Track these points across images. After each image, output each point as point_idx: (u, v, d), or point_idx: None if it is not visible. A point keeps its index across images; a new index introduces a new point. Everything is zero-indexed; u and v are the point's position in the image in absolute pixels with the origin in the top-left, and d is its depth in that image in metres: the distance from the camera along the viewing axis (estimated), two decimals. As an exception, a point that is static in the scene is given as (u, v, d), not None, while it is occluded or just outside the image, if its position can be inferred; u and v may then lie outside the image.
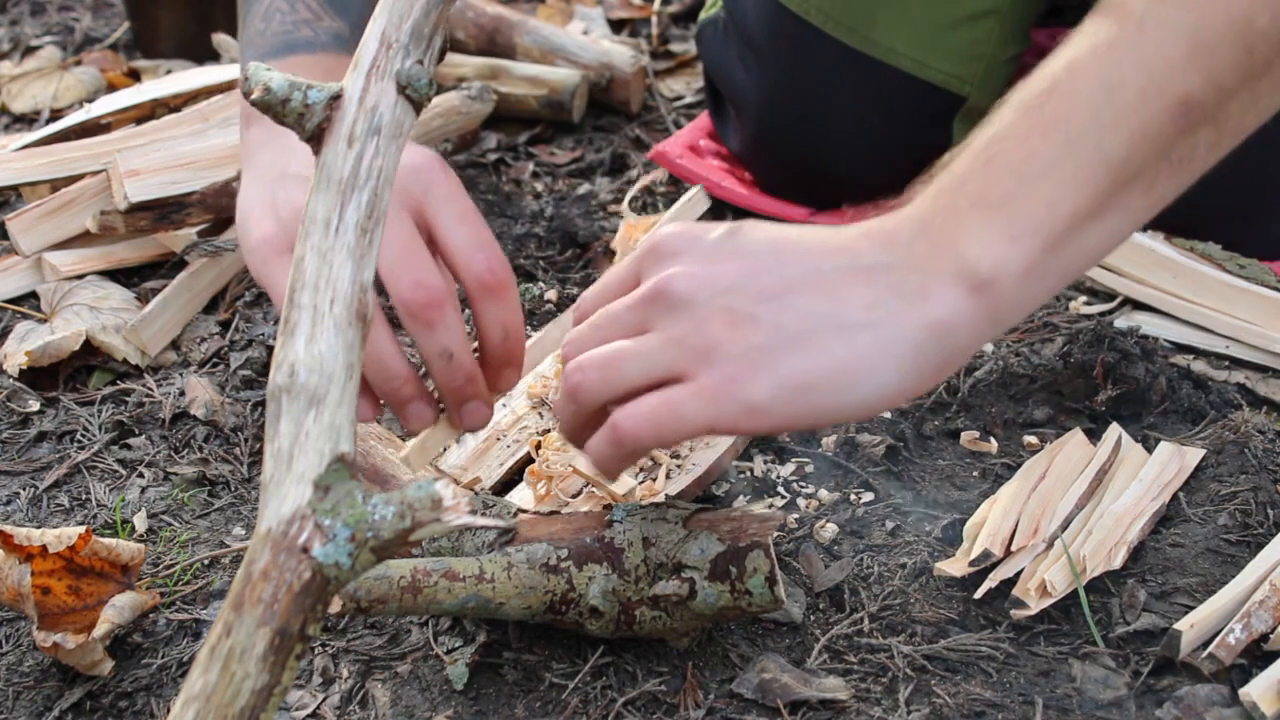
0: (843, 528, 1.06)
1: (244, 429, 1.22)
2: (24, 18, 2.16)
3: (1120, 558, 0.98)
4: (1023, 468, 1.09)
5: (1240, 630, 0.92)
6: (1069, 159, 0.73)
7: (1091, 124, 0.74)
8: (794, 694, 0.91)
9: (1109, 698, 0.91)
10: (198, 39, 1.92)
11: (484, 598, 0.91)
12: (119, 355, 1.30)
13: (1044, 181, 0.73)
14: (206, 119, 1.49)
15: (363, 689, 0.95)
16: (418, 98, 0.79)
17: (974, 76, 1.42)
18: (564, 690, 0.93)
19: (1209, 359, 1.23)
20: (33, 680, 0.97)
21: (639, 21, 2.03)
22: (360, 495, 0.67)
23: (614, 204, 1.57)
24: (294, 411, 0.70)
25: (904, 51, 1.40)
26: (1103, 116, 0.74)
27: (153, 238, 1.43)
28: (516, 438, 1.15)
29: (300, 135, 0.78)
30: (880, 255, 0.76)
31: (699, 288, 0.77)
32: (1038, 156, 0.73)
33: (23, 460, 1.20)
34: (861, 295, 0.75)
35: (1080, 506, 1.03)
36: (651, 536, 0.91)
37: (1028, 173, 0.73)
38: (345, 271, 0.74)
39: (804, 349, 0.74)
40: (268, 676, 0.66)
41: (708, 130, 1.64)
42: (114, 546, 0.99)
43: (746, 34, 1.46)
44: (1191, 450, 1.10)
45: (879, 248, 0.76)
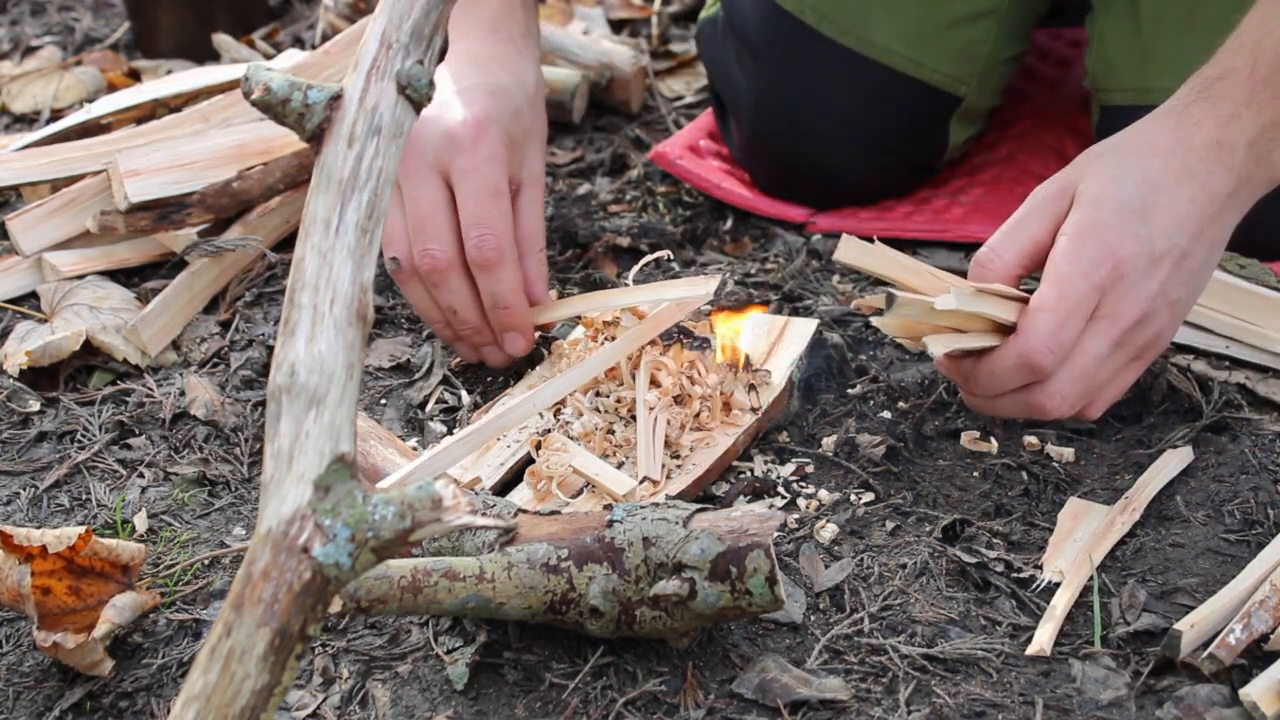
0: (843, 528, 1.06)
1: (244, 429, 1.22)
2: (24, 18, 2.16)
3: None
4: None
5: (1240, 630, 0.92)
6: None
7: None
8: (794, 694, 0.91)
9: (1109, 698, 0.91)
10: (198, 39, 1.92)
11: (484, 598, 0.91)
12: (119, 355, 1.30)
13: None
14: (207, 119, 1.49)
15: (363, 689, 0.95)
16: (418, 98, 0.79)
17: (971, 77, 1.42)
18: (564, 690, 0.93)
19: (1209, 359, 1.23)
20: (33, 680, 0.97)
21: (639, 21, 2.03)
22: (360, 495, 0.67)
23: (614, 204, 1.57)
24: (294, 411, 0.70)
25: (900, 51, 1.40)
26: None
27: (153, 238, 1.43)
28: (517, 438, 1.15)
29: (300, 135, 0.78)
30: (1226, 185, 0.97)
31: (1156, 304, 0.97)
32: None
33: (23, 460, 1.20)
34: (1221, 226, 0.99)
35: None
36: (651, 536, 0.91)
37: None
38: (345, 271, 0.74)
39: (1198, 290, 1.01)
40: (268, 676, 0.66)
41: (708, 130, 1.64)
42: (114, 546, 0.99)
43: (743, 34, 1.46)
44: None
45: (1224, 178, 0.97)
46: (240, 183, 1.39)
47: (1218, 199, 0.98)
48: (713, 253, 1.48)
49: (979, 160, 1.58)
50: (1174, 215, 0.96)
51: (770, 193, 1.52)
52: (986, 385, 0.99)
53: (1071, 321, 0.94)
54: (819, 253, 1.44)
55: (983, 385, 0.99)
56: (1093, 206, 0.96)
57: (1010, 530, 1.06)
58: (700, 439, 1.13)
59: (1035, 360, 0.94)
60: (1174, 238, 0.96)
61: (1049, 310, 0.94)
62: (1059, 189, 0.99)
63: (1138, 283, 0.95)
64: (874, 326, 1.30)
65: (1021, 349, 0.95)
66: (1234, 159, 0.97)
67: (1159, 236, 0.96)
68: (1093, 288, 0.94)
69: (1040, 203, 0.99)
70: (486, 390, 1.26)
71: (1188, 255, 0.97)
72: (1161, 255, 0.96)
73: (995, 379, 0.98)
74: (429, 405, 1.25)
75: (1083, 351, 0.96)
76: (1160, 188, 0.97)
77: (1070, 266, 0.95)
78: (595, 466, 1.08)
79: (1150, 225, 0.96)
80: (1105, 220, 0.96)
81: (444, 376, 1.27)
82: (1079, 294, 0.94)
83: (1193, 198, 0.97)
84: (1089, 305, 0.95)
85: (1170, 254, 0.96)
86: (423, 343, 1.33)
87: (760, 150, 1.50)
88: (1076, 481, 1.12)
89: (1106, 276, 0.95)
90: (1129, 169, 0.97)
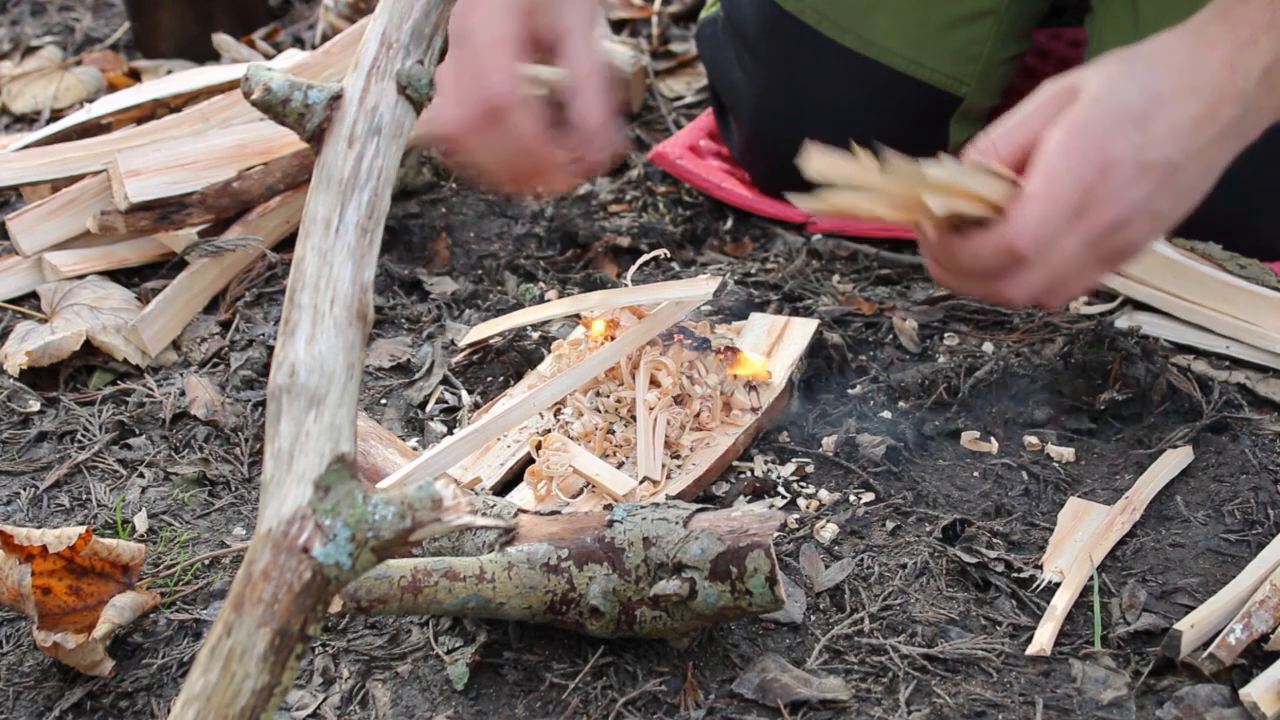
0: (843, 528, 1.06)
1: (244, 429, 1.22)
2: (24, 18, 2.16)
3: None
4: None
5: (1240, 630, 0.92)
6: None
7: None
8: (794, 694, 0.91)
9: (1109, 698, 0.91)
10: (198, 39, 1.92)
11: (484, 598, 0.91)
12: (119, 355, 1.30)
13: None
14: (207, 119, 1.49)
15: (363, 689, 0.95)
16: (418, 98, 0.79)
17: (971, 77, 1.42)
18: (564, 690, 0.93)
19: (1209, 359, 1.23)
20: (33, 680, 0.97)
21: (639, 21, 2.03)
22: (360, 495, 0.67)
23: (614, 204, 1.57)
24: (294, 411, 0.70)
25: (899, 51, 1.39)
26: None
27: (153, 238, 1.42)
28: (517, 438, 1.15)
29: (301, 135, 0.78)
30: (1234, 109, 0.95)
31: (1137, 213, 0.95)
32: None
33: (23, 460, 1.20)
34: (1220, 150, 0.97)
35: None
36: (651, 536, 0.91)
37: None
38: (345, 271, 0.74)
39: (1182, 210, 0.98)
40: (268, 676, 0.66)
41: (708, 130, 1.64)
42: (114, 546, 0.99)
43: (743, 33, 1.46)
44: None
45: (1233, 101, 0.95)
46: (240, 183, 1.39)
47: (1222, 121, 0.96)
48: (713, 253, 1.48)
49: (979, 160, 1.57)
50: (1173, 128, 0.95)
51: (770, 193, 1.52)
52: (965, 263, 0.98)
53: (1058, 215, 0.94)
54: (819, 253, 1.44)
55: (960, 263, 0.98)
56: (1092, 105, 0.95)
57: (1010, 530, 1.06)
58: (700, 439, 1.13)
59: (1019, 247, 0.94)
60: (1168, 150, 0.95)
61: (1039, 201, 0.93)
62: (1064, 88, 0.98)
63: (1122, 187, 0.94)
64: (874, 325, 1.30)
65: (1008, 235, 0.94)
66: (1246, 84, 0.95)
67: (1153, 145, 0.94)
68: (1080, 184, 0.93)
69: (1045, 100, 0.98)
70: (486, 390, 1.26)
71: (1179, 170, 0.95)
72: (1152, 165, 0.94)
73: (976, 259, 0.97)
74: (429, 405, 1.25)
75: (1059, 248, 0.95)
76: (1164, 99, 0.95)
77: (1061, 161, 0.94)
78: (595, 466, 1.08)
79: (1146, 133, 0.94)
80: (1101, 120, 0.94)
81: (444, 376, 1.27)
82: (1067, 189, 0.93)
83: (1196, 116, 0.95)
84: (1075, 202, 0.94)
85: (1161, 165, 0.95)
86: (423, 343, 1.33)
87: (760, 150, 1.50)
88: (1076, 481, 1.12)
89: (1094, 176, 0.93)
90: (1136, 75, 0.96)
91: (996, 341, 1.27)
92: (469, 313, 1.36)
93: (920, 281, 1.38)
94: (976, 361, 1.23)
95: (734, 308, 1.32)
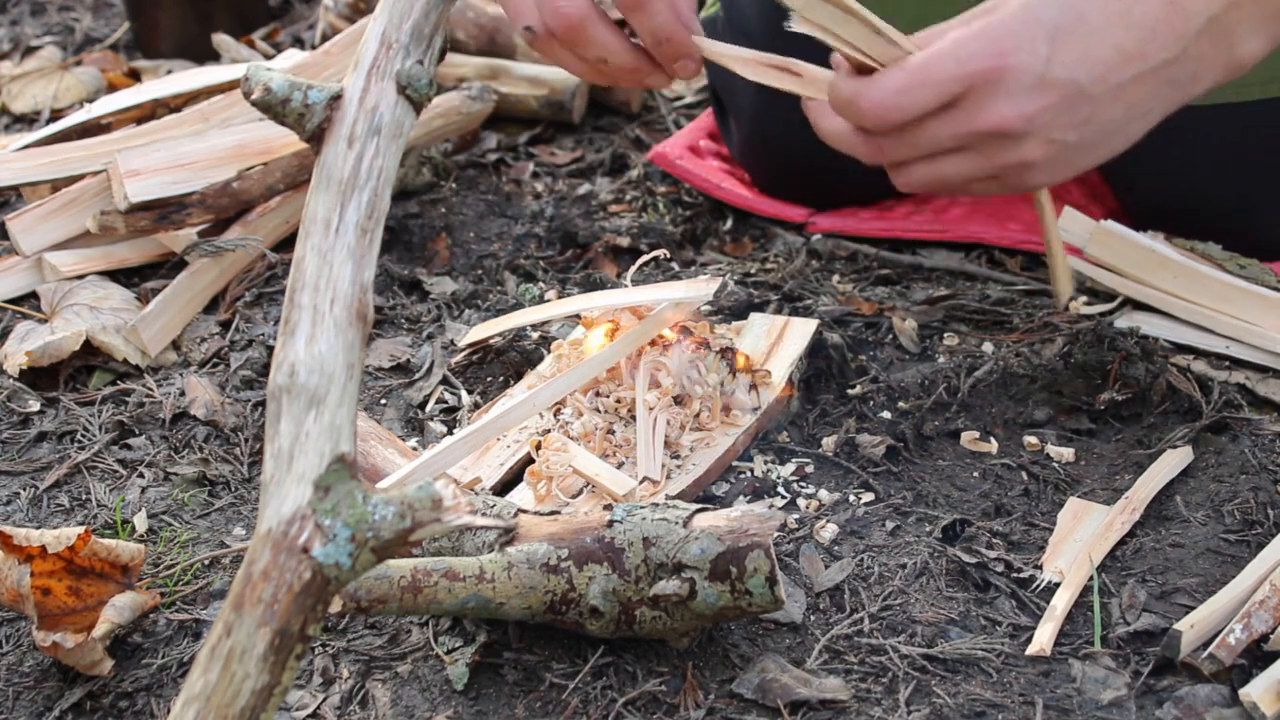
0: (843, 528, 1.06)
1: (244, 429, 1.22)
2: (24, 18, 2.16)
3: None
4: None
5: (1240, 630, 0.92)
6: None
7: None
8: (794, 694, 0.91)
9: (1109, 698, 0.91)
10: (198, 39, 1.92)
11: (484, 598, 0.91)
12: (119, 355, 1.30)
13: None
14: (207, 119, 1.49)
15: (363, 689, 0.95)
16: (418, 98, 0.79)
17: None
18: (564, 690, 0.93)
19: (1209, 359, 1.23)
20: (33, 680, 0.97)
21: (639, 21, 2.02)
22: (360, 495, 0.67)
23: (614, 204, 1.57)
24: (294, 411, 0.70)
25: None
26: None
27: (153, 238, 1.43)
28: (517, 438, 1.15)
29: (300, 135, 0.78)
30: (1166, 51, 0.88)
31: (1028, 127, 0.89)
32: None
33: (23, 460, 1.20)
34: (1147, 93, 0.90)
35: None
36: (651, 536, 0.91)
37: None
38: (345, 271, 0.74)
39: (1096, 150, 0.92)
40: (268, 676, 0.66)
41: (708, 130, 1.64)
42: (114, 547, 0.99)
43: (743, 33, 1.46)
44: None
45: (1170, 44, 0.88)
46: (240, 183, 1.39)
47: (1151, 60, 0.88)
48: (713, 253, 1.48)
49: (979, 160, 1.57)
50: (1087, 51, 0.88)
51: (770, 193, 1.52)
52: (833, 97, 0.94)
53: (922, 95, 0.88)
54: (819, 253, 1.44)
55: (832, 96, 0.94)
56: (1006, 12, 0.89)
57: (1010, 530, 1.06)
58: (700, 439, 1.13)
59: (859, 104, 0.90)
60: (1076, 73, 0.88)
61: (904, 71, 0.89)
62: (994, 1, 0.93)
63: (1011, 95, 0.88)
64: (874, 326, 1.30)
65: (860, 89, 0.90)
66: (1186, 27, 0.88)
67: (1059, 63, 0.87)
68: (960, 75, 0.88)
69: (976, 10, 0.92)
70: (486, 390, 1.26)
71: (1088, 99, 0.88)
72: (1053, 83, 0.88)
73: (835, 100, 0.93)
74: (429, 405, 1.25)
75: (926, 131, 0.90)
76: (1085, 19, 0.88)
77: (950, 47, 0.88)
78: (595, 466, 1.08)
79: (1055, 47, 0.87)
80: (1008, 24, 0.88)
81: (444, 376, 1.28)
82: (942, 72, 0.88)
83: (1120, 46, 0.88)
84: (946, 89, 0.88)
85: (1064, 86, 0.88)
86: (423, 343, 1.33)
87: (760, 150, 1.50)
88: (1076, 481, 1.12)
89: (979, 73, 0.88)
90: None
91: (996, 341, 1.27)
92: (469, 313, 1.37)
93: (920, 282, 1.39)
94: (976, 361, 1.23)
95: (734, 308, 1.32)
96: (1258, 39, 0.90)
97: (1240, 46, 0.90)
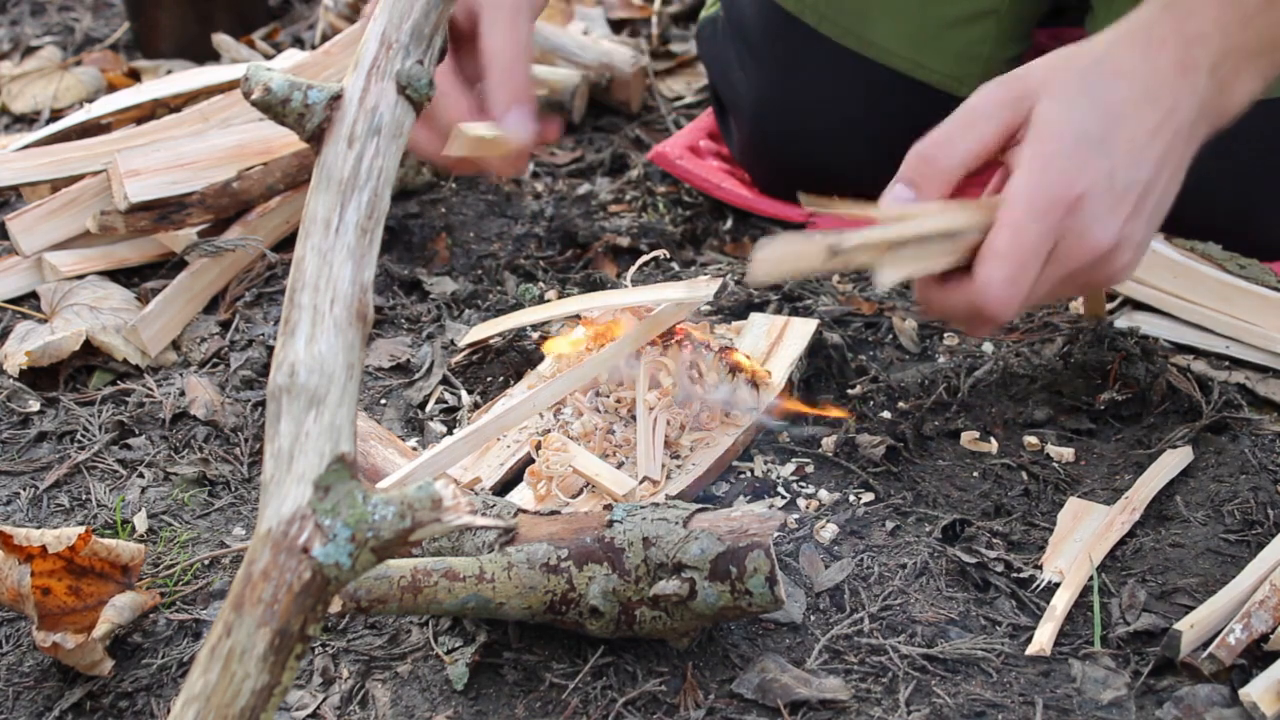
0: (843, 528, 1.06)
1: (244, 429, 1.22)
2: (24, 18, 2.16)
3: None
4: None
5: (1240, 630, 0.92)
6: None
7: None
8: (794, 694, 0.91)
9: (1109, 698, 0.91)
10: (198, 39, 1.92)
11: (484, 598, 0.91)
12: (119, 355, 1.30)
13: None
14: (207, 119, 1.49)
15: (363, 689, 0.95)
16: (418, 98, 0.79)
17: (971, 77, 1.42)
18: (564, 690, 0.93)
19: (1209, 359, 1.23)
20: (33, 680, 0.97)
21: (639, 21, 2.03)
22: (360, 495, 0.67)
23: (614, 204, 1.57)
24: (294, 411, 0.70)
25: (899, 51, 1.39)
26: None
27: (153, 238, 1.42)
28: (516, 438, 1.15)
29: (300, 135, 0.78)
30: (1189, 112, 0.92)
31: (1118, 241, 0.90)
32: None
33: (23, 460, 1.20)
34: (1179, 156, 0.93)
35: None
36: (651, 536, 0.91)
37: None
38: (345, 271, 0.74)
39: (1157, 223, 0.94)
40: (268, 676, 0.66)
41: (708, 130, 1.64)
42: (114, 546, 0.99)
43: (743, 33, 1.46)
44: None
45: (1187, 105, 0.91)
46: (240, 183, 1.39)
47: (1182, 127, 0.92)
48: (713, 253, 1.48)
49: (979, 160, 1.57)
50: (1135, 146, 0.90)
51: (770, 193, 1.52)
52: (942, 311, 0.95)
53: (1027, 269, 0.89)
54: (819, 253, 1.43)
55: (939, 310, 0.95)
56: (1050, 137, 0.90)
57: (1010, 530, 1.06)
58: (700, 439, 1.13)
59: (989, 310, 0.90)
60: (1137, 171, 0.90)
61: (1003, 258, 0.89)
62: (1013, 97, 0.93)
63: (1097, 220, 0.90)
64: (874, 326, 1.30)
65: (975, 298, 0.90)
66: (1197, 84, 0.91)
67: (1121, 170, 0.90)
68: (1049, 229, 0.89)
69: (992, 105, 0.93)
70: (486, 390, 1.26)
71: (1150, 188, 0.91)
72: (1124, 191, 0.90)
73: (951, 309, 0.94)
74: (429, 405, 1.25)
75: (1032, 293, 0.91)
76: (1123, 117, 0.90)
77: (1025, 208, 0.88)
78: (595, 466, 1.08)
79: (1112, 158, 0.89)
80: (1062, 152, 0.89)
81: (444, 376, 1.27)
82: (1035, 238, 0.89)
83: (1157, 126, 0.91)
84: (1045, 248, 0.89)
85: (1133, 189, 0.90)
86: (423, 343, 1.33)
87: (760, 150, 1.50)
88: (1076, 481, 1.12)
89: (1063, 217, 0.89)
90: (1090, 92, 0.91)
91: (996, 341, 1.27)
92: (469, 313, 1.36)
93: (920, 281, 1.38)
94: (976, 361, 1.23)
95: (734, 308, 1.32)
96: (1253, 81, 0.93)
97: (1237, 91, 0.93)
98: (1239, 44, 0.92)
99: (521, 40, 1.14)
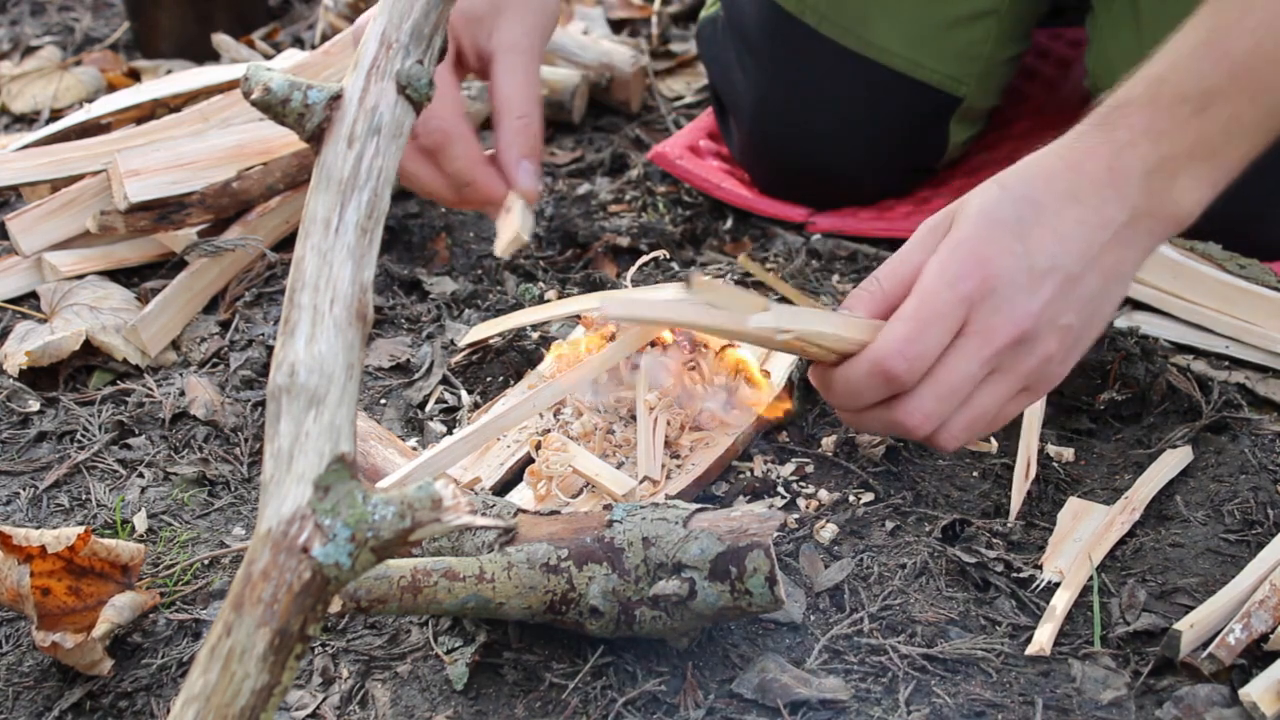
0: (843, 528, 1.06)
1: (244, 429, 1.22)
2: (24, 18, 2.16)
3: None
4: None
5: (1240, 630, 0.92)
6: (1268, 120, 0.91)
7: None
8: (794, 694, 0.91)
9: (1109, 698, 0.91)
10: (198, 39, 1.92)
11: (484, 598, 0.91)
12: (119, 355, 1.30)
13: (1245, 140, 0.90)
14: (206, 119, 1.49)
15: (363, 689, 0.95)
16: (418, 98, 0.79)
17: (970, 77, 1.42)
18: (564, 690, 0.93)
19: (1209, 359, 1.23)
20: (33, 680, 0.97)
21: (639, 21, 2.03)
22: (360, 495, 0.67)
23: (614, 204, 1.57)
24: (294, 411, 0.70)
25: (899, 52, 1.40)
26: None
27: (153, 238, 1.43)
28: (517, 438, 1.15)
29: (300, 135, 0.78)
30: (1120, 213, 0.90)
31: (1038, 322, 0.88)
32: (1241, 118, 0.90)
33: (23, 460, 1.20)
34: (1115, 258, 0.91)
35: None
36: (651, 536, 0.91)
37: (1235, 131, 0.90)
38: (345, 271, 0.74)
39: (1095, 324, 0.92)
40: (268, 676, 0.66)
41: (708, 130, 1.64)
42: (114, 546, 0.99)
43: (743, 33, 1.47)
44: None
45: (1117, 205, 0.90)
46: (240, 183, 1.39)
47: (1110, 225, 0.89)
48: (713, 253, 1.48)
49: (979, 160, 1.58)
50: (1058, 235, 0.89)
51: (770, 193, 1.52)
52: (845, 397, 0.91)
53: (930, 331, 0.86)
54: (819, 253, 1.44)
55: (841, 396, 0.91)
56: (967, 224, 0.89)
57: (1010, 530, 1.06)
58: (700, 439, 1.13)
59: (888, 367, 0.86)
60: (1057, 258, 0.88)
61: (905, 318, 0.87)
62: (942, 217, 0.93)
63: (1013, 298, 0.87)
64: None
65: (873, 356, 0.87)
66: (1129, 187, 0.89)
67: (1039, 253, 0.88)
68: (958, 298, 0.87)
69: (925, 233, 0.92)
70: (486, 390, 1.26)
71: (1077, 279, 0.89)
72: (1043, 273, 0.88)
73: (852, 389, 0.90)
74: (429, 405, 1.25)
75: (948, 368, 0.88)
76: (1042, 207, 0.89)
77: (935, 278, 0.87)
78: (595, 466, 1.08)
79: (1028, 242, 0.88)
80: (977, 234, 0.88)
81: (444, 376, 1.27)
82: (941, 303, 0.86)
83: (1081, 219, 0.89)
84: (953, 317, 0.87)
85: (1054, 273, 0.88)
86: (423, 343, 1.33)
87: (760, 150, 1.50)
88: (1076, 481, 1.12)
89: (975, 289, 0.87)
90: (1010, 189, 0.90)
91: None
92: (469, 313, 1.36)
93: (920, 281, 1.38)
94: (976, 361, 1.23)
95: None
96: (1199, 188, 0.91)
97: (1183, 199, 0.90)
98: (1175, 150, 0.89)
99: (535, 88, 1.14)
